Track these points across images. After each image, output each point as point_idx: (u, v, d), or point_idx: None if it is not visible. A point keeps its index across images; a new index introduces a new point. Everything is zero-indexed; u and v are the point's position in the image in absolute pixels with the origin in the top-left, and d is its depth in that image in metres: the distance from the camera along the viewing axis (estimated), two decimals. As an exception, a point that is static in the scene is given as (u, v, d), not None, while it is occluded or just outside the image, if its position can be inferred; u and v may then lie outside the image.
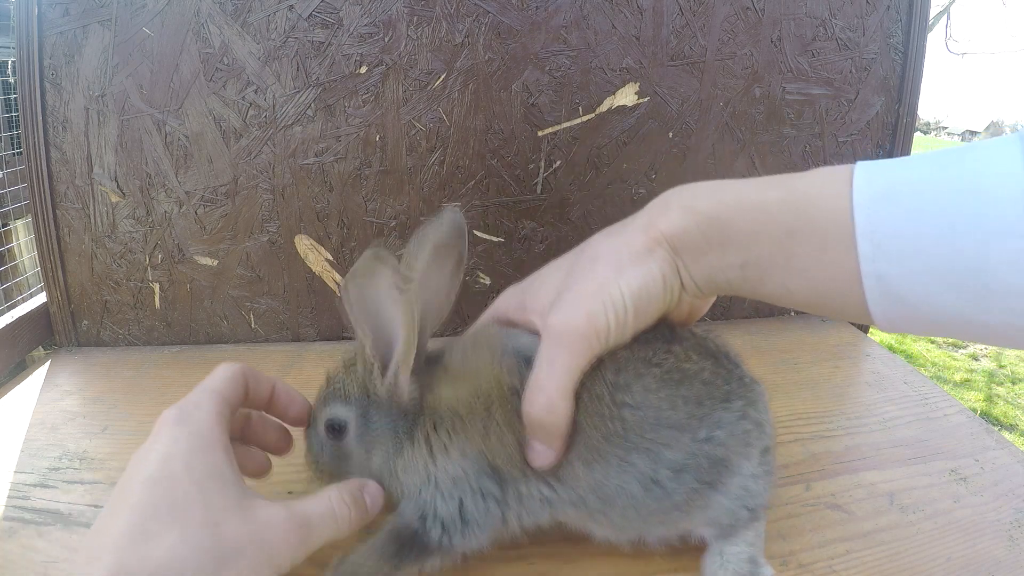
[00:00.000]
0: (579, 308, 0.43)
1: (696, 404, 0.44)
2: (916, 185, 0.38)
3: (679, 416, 0.43)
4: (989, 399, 3.14)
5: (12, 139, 1.99)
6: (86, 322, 0.89)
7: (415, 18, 0.80)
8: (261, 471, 0.52)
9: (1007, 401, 3.15)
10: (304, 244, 0.87)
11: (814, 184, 0.42)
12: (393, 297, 0.42)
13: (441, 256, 0.48)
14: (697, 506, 0.45)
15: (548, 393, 0.43)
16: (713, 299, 0.52)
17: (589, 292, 0.44)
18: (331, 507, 0.42)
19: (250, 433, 0.52)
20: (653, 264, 0.45)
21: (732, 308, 0.97)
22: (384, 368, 0.46)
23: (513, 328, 0.50)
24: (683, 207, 0.45)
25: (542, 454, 0.44)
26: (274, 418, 0.53)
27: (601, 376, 0.44)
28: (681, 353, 0.46)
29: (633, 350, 0.45)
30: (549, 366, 0.43)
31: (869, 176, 0.40)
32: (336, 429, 0.48)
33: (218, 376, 0.46)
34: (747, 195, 0.44)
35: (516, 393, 0.45)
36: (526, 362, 0.45)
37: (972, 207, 0.36)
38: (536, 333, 0.46)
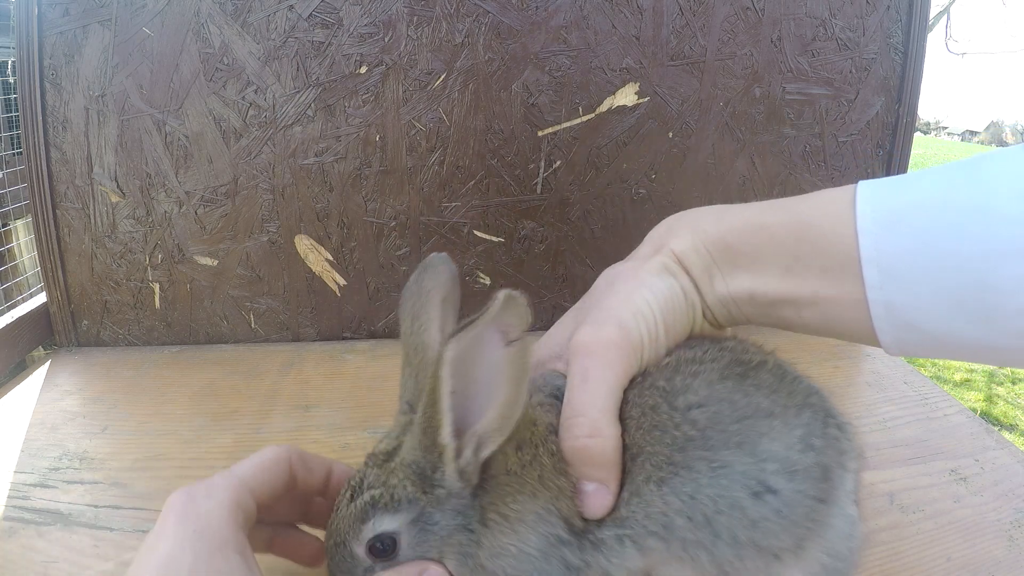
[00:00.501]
0: (608, 320, 0.40)
1: (771, 391, 0.38)
2: (922, 207, 0.37)
3: (761, 400, 0.37)
4: (989, 399, 3.14)
5: (12, 139, 1.99)
6: (86, 322, 0.89)
7: (415, 18, 0.80)
8: (318, 559, 0.45)
9: (1007, 401, 3.15)
10: (304, 244, 0.87)
11: (816, 208, 0.41)
12: (501, 352, 0.35)
13: (445, 306, 0.44)
14: (815, 535, 0.36)
15: (589, 416, 0.37)
16: (727, 332, 0.49)
17: (615, 305, 0.41)
18: None
19: (279, 544, 0.45)
20: (672, 279, 0.43)
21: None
22: (460, 450, 0.37)
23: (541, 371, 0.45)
24: (690, 228, 0.44)
25: (596, 496, 0.37)
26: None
27: (650, 386, 0.39)
28: (737, 347, 0.42)
29: (678, 355, 0.41)
30: (583, 384, 0.38)
31: (873, 199, 0.38)
32: (384, 548, 0.38)
33: (251, 461, 0.40)
34: (751, 219, 0.43)
35: (554, 430, 0.39)
36: (560, 399, 0.40)
37: (980, 227, 0.34)
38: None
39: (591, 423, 0.37)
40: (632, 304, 0.40)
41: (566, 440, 0.38)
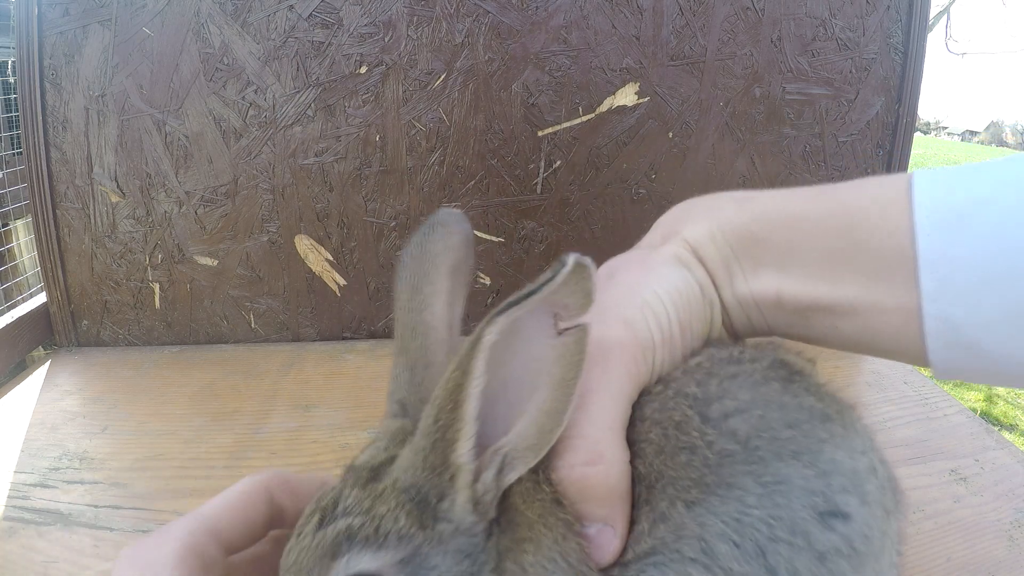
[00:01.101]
0: (609, 316, 0.32)
1: (819, 398, 0.31)
2: (994, 202, 0.30)
3: (814, 402, 0.30)
4: (989, 399, 3.14)
5: (12, 139, 1.99)
6: (86, 322, 0.89)
7: (415, 18, 0.80)
8: None
9: (1007, 401, 3.15)
10: (304, 244, 0.87)
11: (863, 197, 0.34)
12: (550, 343, 0.28)
13: (455, 277, 0.35)
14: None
15: (588, 436, 0.29)
16: None
17: (618, 299, 0.33)
18: None
19: None
20: (686, 271, 0.36)
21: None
22: (479, 472, 0.28)
23: None
24: (708, 215, 0.37)
25: (599, 539, 0.29)
26: None
27: (676, 395, 0.31)
28: (779, 346, 0.35)
29: (710, 354, 0.34)
30: (582, 398, 0.30)
31: (934, 191, 0.32)
32: None
33: (218, 498, 0.33)
34: (781, 206, 0.36)
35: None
36: None
37: None
38: None
39: (590, 446, 0.29)
40: (639, 297, 0.33)
41: (560, 469, 0.29)
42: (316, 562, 0.28)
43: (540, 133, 0.85)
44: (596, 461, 0.29)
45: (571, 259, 0.25)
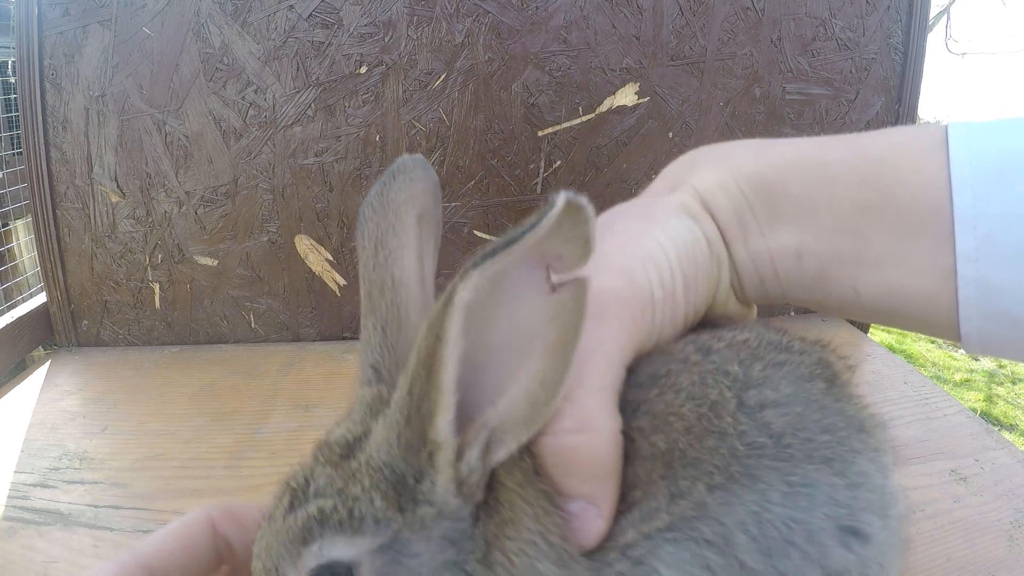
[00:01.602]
0: (607, 266, 0.29)
1: (859, 408, 0.29)
2: None
3: (854, 411, 0.28)
4: (989, 399, 3.14)
5: (12, 139, 1.99)
6: (86, 322, 0.89)
7: (415, 18, 0.80)
8: None
9: (1007, 401, 3.15)
10: (304, 244, 0.87)
11: (894, 146, 0.31)
12: (542, 300, 0.24)
13: (423, 227, 0.32)
14: None
15: (577, 401, 0.26)
16: (754, 313, 0.38)
17: (617, 248, 0.30)
18: None
19: None
20: (692, 222, 0.32)
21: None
22: (461, 450, 0.26)
23: None
24: (717, 163, 0.34)
25: (580, 519, 0.26)
26: None
27: (717, 371, 0.28)
28: (827, 346, 0.32)
29: (759, 335, 0.30)
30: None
31: (971, 140, 0.29)
32: None
33: (156, 534, 0.31)
34: (803, 154, 0.32)
35: None
36: None
37: None
38: None
39: (578, 412, 0.25)
40: (641, 247, 0.30)
41: (542, 436, 0.26)
42: (287, 548, 0.26)
43: (540, 133, 0.85)
44: (584, 429, 0.25)
45: (561, 198, 0.21)
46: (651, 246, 0.30)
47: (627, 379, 0.29)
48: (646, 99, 0.85)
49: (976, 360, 3.65)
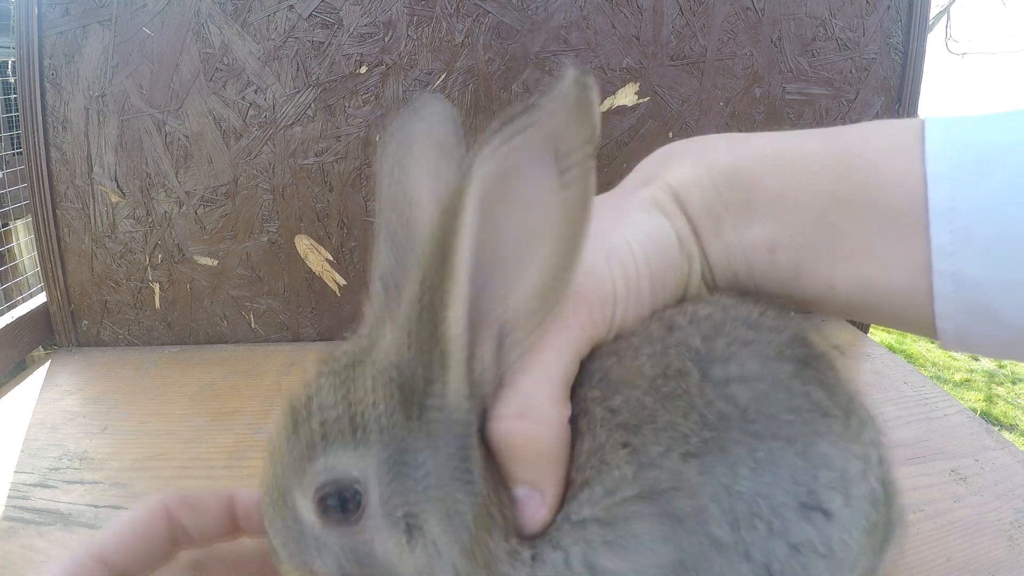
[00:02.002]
0: None
1: (831, 392, 0.28)
2: (1018, 149, 0.27)
3: (822, 396, 0.27)
4: (989, 399, 3.14)
5: (12, 139, 1.99)
6: (86, 322, 0.89)
7: (415, 18, 0.80)
8: None
9: (1007, 401, 3.15)
10: (304, 244, 0.87)
11: (870, 140, 0.31)
12: (549, 189, 0.23)
13: (441, 153, 0.31)
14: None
15: (522, 389, 0.26)
16: None
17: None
18: None
19: None
20: (663, 218, 0.32)
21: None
22: (473, 349, 0.25)
23: None
24: (692, 157, 0.34)
25: (526, 504, 0.26)
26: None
27: (679, 345, 0.28)
28: (803, 322, 0.31)
29: (723, 308, 0.30)
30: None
31: (948, 135, 0.29)
32: (342, 501, 0.25)
33: (113, 525, 0.31)
34: (778, 148, 0.32)
35: None
36: None
37: None
38: None
39: (521, 399, 0.25)
40: (606, 243, 0.30)
41: (489, 418, 0.26)
42: (293, 470, 0.24)
43: (540, 133, 0.85)
44: (525, 416, 0.25)
45: (571, 74, 0.21)
46: (617, 242, 0.30)
47: (589, 355, 0.29)
48: (646, 99, 0.85)
49: (976, 360, 3.65)
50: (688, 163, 0.33)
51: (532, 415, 0.26)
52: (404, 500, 0.24)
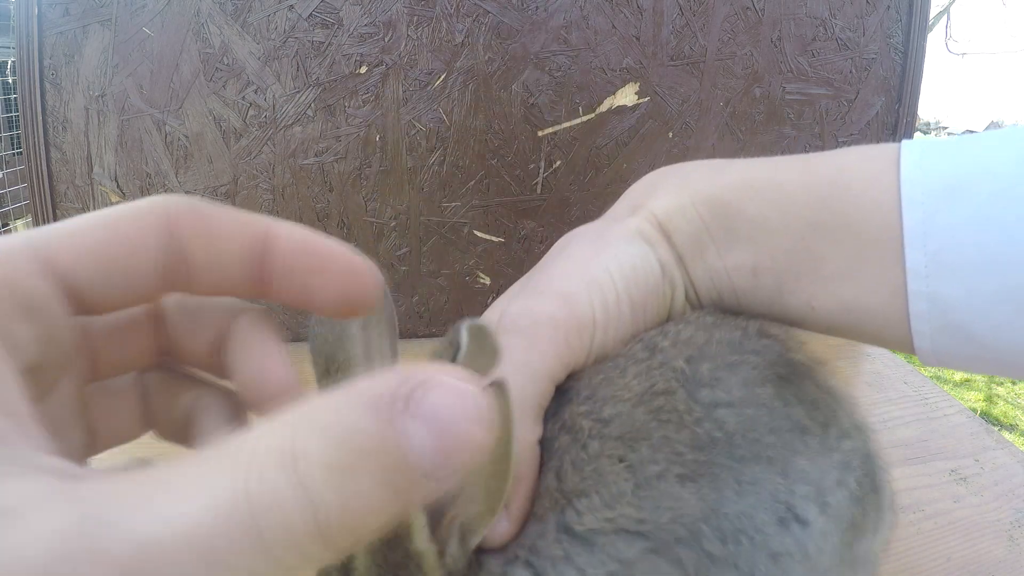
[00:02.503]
0: (549, 290, 0.31)
1: (814, 406, 0.30)
2: (990, 172, 0.28)
3: (800, 414, 0.29)
4: (989, 399, 3.14)
5: (12, 139, 1.99)
6: (86, 322, 0.89)
7: (415, 18, 0.80)
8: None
9: (1007, 401, 3.15)
10: (304, 244, 0.87)
11: (847, 167, 0.32)
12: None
13: (368, 332, 0.30)
14: None
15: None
16: None
17: (564, 272, 0.32)
18: (243, 500, 0.13)
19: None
20: (647, 247, 0.34)
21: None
22: (443, 548, 0.27)
23: None
24: (676, 186, 0.35)
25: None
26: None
27: (662, 365, 0.30)
28: (786, 339, 0.33)
29: (707, 329, 0.32)
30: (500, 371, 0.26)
31: (923, 160, 0.30)
32: None
33: (77, 220, 0.20)
34: (758, 176, 0.34)
35: None
36: None
37: None
38: None
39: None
40: (587, 272, 0.31)
41: None
42: None
43: (540, 133, 0.85)
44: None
45: (464, 329, 0.22)
46: (597, 271, 0.31)
47: (572, 377, 0.30)
48: (646, 99, 0.85)
49: (976, 360, 3.63)
50: (673, 192, 0.35)
51: None
52: None
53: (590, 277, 0.31)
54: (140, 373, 0.23)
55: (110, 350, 0.21)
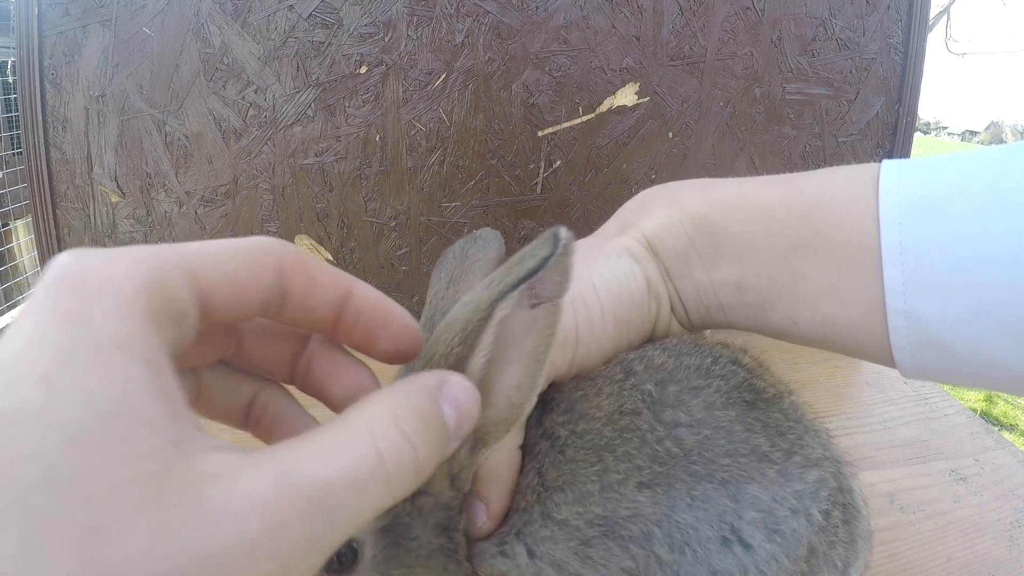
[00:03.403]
0: None
1: (778, 433, 0.32)
2: (965, 192, 0.29)
3: (761, 441, 0.31)
4: (989, 399, 3.14)
5: (12, 139, 1.99)
6: (86, 322, 0.89)
7: (415, 18, 0.80)
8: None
9: (1007, 401, 3.15)
10: (304, 244, 0.87)
11: (828, 187, 0.33)
12: (524, 316, 0.27)
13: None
14: None
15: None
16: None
17: None
18: (371, 452, 0.20)
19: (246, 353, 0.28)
20: (634, 264, 0.36)
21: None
22: (475, 441, 0.29)
23: None
24: (665, 205, 0.37)
25: (472, 512, 0.31)
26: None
27: (634, 388, 0.33)
28: (754, 367, 0.34)
29: (679, 356, 0.34)
30: None
31: (901, 180, 0.31)
32: (339, 556, 0.29)
33: (214, 244, 0.23)
34: (743, 195, 0.35)
35: None
36: None
37: None
38: None
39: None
40: (573, 288, 0.31)
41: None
42: None
43: (540, 133, 0.85)
44: None
45: (564, 236, 0.26)
46: (583, 288, 0.33)
47: (557, 389, 0.34)
48: (646, 99, 0.85)
49: (976, 360, 3.63)
50: (662, 211, 0.37)
51: None
52: (399, 563, 0.30)
53: (576, 293, 0.32)
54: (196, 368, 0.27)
55: (196, 350, 0.24)
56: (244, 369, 0.29)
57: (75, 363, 0.17)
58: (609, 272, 0.34)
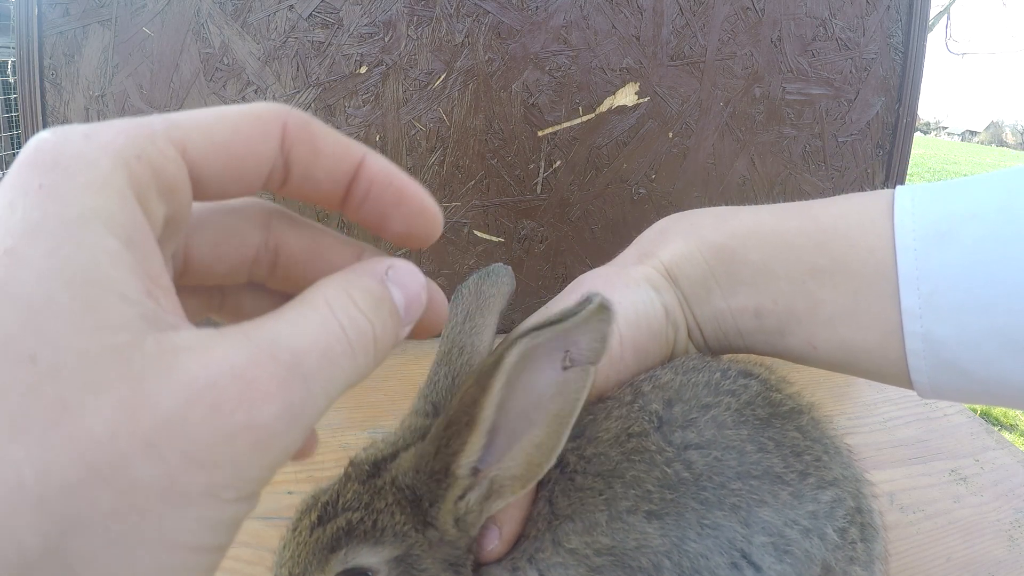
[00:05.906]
0: None
1: (793, 454, 0.31)
2: (977, 217, 0.30)
3: (775, 462, 0.31)
4: (989, 399, 3.14)
5: (12, 139, 1.99)
6: (86, 322, 0.89)
7: (415, 18, 0.80)
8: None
9: (1007, 401, 3.15)
10: (304, 244, 0.87)
11: (844, 214, 0.34)
12: (554, 376, 0.28)
13: (495, 320, 0.38)
14: None
15: None
16: None
17: None
18: (335, 325, 0.20)
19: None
20: (653, 292, 0.36)
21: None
22: (466, 491, 0.30)
23: None
24: (684, 234, 0.38)
25: (485, 536, 0.32)
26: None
27: (641, 410, 0.33)
28: (769, 378, 0.34)
29: (686, 372, 0.34)
30: None
31: (916, 206, 0.32)
32: None
33: (207, 112, 0.21)
34: (761, 223, 0.36)
35: None
36: None
37: None
38: None
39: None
40: None
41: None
42: (315, 555, 0.29)
43: (540, 133, 0.85)
44: None
45: (597, 298, 0.26)
46: None
47: None
48: (646, 99, 0.85)
49: (976, 360, 3.63)
50: (681, 240, 0.37)
51: None
52: None
53: None
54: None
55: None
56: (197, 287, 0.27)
57: (43, 236, 0.16)
58: (628, 301, 0.35)
